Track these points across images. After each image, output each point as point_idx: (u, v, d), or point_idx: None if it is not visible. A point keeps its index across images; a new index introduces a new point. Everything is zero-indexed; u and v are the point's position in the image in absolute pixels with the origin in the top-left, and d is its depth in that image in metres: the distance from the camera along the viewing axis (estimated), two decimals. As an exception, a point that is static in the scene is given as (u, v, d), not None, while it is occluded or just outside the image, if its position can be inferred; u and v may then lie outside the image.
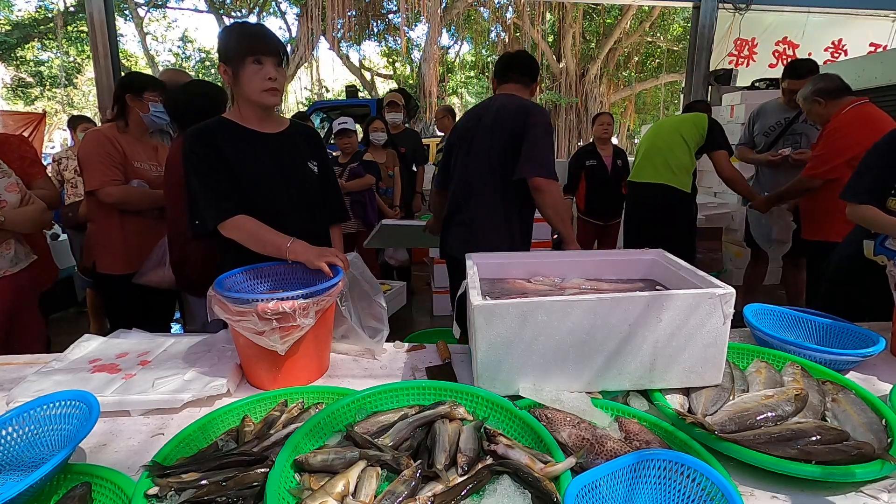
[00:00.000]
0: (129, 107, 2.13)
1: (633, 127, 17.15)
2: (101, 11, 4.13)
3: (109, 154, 2.06)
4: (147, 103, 2.12)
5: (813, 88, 2.51)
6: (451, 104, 17.18)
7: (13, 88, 14.40)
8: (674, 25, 14.37)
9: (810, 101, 2.53)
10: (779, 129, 3.20)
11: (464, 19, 12.84)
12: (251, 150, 1.45)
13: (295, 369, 1.18)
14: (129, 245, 2.13)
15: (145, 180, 2.15)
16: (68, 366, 1.24)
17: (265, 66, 1.37)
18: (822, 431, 0.88)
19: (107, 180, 2.03)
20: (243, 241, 1.39)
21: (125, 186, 2.09)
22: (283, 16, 13.97)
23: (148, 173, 2.18)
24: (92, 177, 2.05)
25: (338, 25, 10.19)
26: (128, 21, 14.07)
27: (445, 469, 0.81)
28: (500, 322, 1.00)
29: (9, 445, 0.88)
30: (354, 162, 3.71)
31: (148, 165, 2.19)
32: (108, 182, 2.04)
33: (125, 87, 2.13)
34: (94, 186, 2.05)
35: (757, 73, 5.55)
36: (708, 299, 0.99)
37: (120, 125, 2.14)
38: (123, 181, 2.09)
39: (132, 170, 2.12)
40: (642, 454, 0.78)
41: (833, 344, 1.34)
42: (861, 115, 2.37)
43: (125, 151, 2.11)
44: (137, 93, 2.12)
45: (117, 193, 2.06)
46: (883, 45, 5.69)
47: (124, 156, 2.10)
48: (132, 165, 2.13)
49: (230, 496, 0.77)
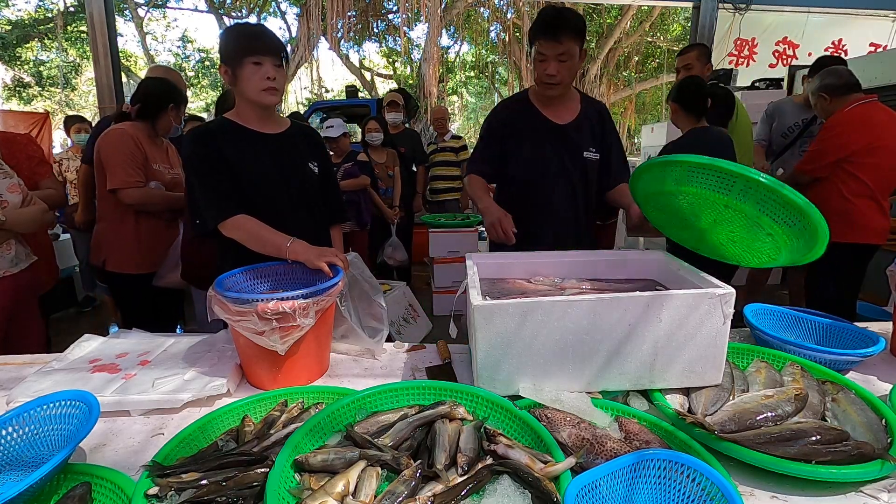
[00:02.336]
0: (164, 112, 2.15)
1: (633, 127, 17.15)
2: (101, 11, 4.12)
3: (133, 155, 2.06)
4: (182, 116, 2.20)
5: (819, 84, 2.50)
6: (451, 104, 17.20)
7: (12, 88, 14.39)
8: (674, 25, 14.36)
9: (816, 95, 2.53)
10: (797, 129, 3.18)
11: (464, 19, 12.83)
12: (251, 151, 1.46)
13: (295, 369, 1.18)
14: (142, 245, 2.15)
15: (162, 182, 2.17)
16: (68, 366, 1.24)
17: (264, 66, 1.37)
18: (822, 431, 0.88)
19: (130, 181, 2.04)
20: (243, 240, 1.39)
21: (146, 189, 2.10)
22: (283, 16, 13.96)
23: (164, 175, 2.19)
24: (115, 176, 2.04)
25: (338, 25, 10.19)
26: (128, 21, 14.06)
27: (445, 469, 0.81)
28: (500, 322, 1.00)
29: (9, 445, 0.88)
30: (349, 162, 3.71)
31: (163, 167, 2.21)
32: (132, 183, 2.04)
33: (172, 97, 2.16)
34: (116, 185, 2.04)
35: (757, 73, 5.55)
36: (708, 299, 0.99)
37: (146, 127, 2.16)
38: (145, 182, 2.10)
39: (151, 172, 2.14)
40: (642, 454, 0.78)
41: (833, 344, 1.34)
42: (860, 116, 2.37)
43: (147, 153, 2.12)
44: (178, 105, 2.18)
45: (138, 195, 2.07)
46: (883, 45, 5.69)
47: (146, 157, 2.11)
48: (151, 167, 2.14)
49: (230, 496, 0.77)
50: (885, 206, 2.45)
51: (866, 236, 2.42)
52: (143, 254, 2.15)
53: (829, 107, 2.49)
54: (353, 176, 3.65)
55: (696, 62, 2.89)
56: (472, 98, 20.93)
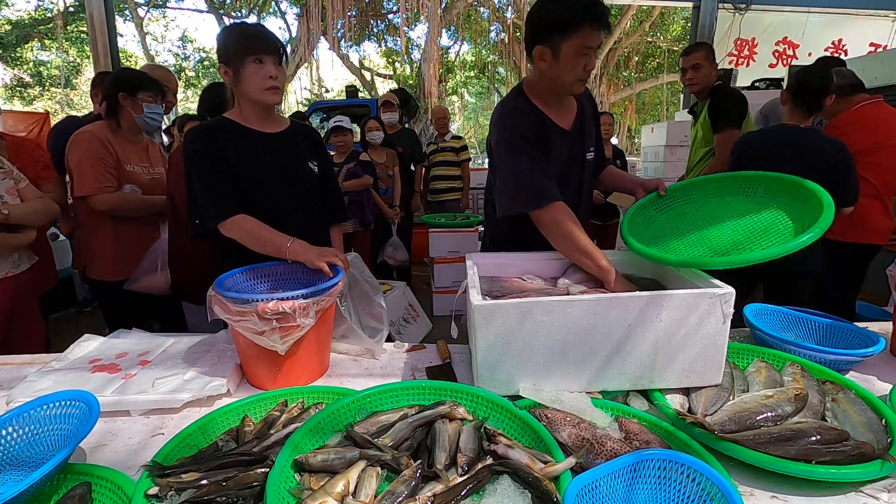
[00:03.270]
0: (121, 106, 2.02)
1: (633, 127, 17.16)
2: (101, 11, 4.12)
3: (101, 158, 1.96)
4: (141, 104, 2.02)
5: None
6: (451, 104, 17.19)
7: (12, 88, 14.40)
8: (674, 25, 14.37)
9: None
10: None
11: (464, 19, 12.83)
12: (252, 150, 1.46)
13: (295, 369, 1.18)
14: (120, 251, 2.05)
15: (138, 184, 2.06)
16: (68, 366, 1.24)
17: (265, 65, 1.37)
18: (822, 431, 0.88)
19: (99, 187, 1.94)
20: (243, 240, 1.39)
21: (118, 193, 2.00)
22: (283, 16, 13.97)
23: (141, 176, 2.08)
24: (83, 182, 1.95)
25: (338, 25, 10.19)
26: (127, 21, 14.07)
27: (445, 469, 0.81)
28: (500, 322, 1.00)
29: (9, 445, 0.88)
30: (351, 162, 3.71)
31: (140, 168, 2.10)
32: (101, 189, 1.95)
33: (118, 85, 2.01)
34: (85, 192, 1.95)
35: (757, 73, 5.56)
36: (708, 299, 0.99)
37: (111, 125, 2.03)
38: (116, 187, 2.00)
39: (124, 174, 2.03)
40: (642, 454, 0.78)
41: (833, 344, 1.34)
42: (864, 116, 2.36)
43: (118, 154, 2.01)
44: (131, 92, 2.01)
45: (110, 201, 1.97)
46: (883, 45, 5.69)
47: (117, 159, 2.00)
48: (124, 169, 2.03)
49: (230, 496, 0.77)
50: (890, 207, 2.44)
51: (870, 236, 2.41)
52: (122, 260, 2.04)
53: (835, 107, 2.46)
54: (356, 176, 3.65)
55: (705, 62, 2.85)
56: (472, 98, 20.94)
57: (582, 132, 1.56)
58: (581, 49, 1.34)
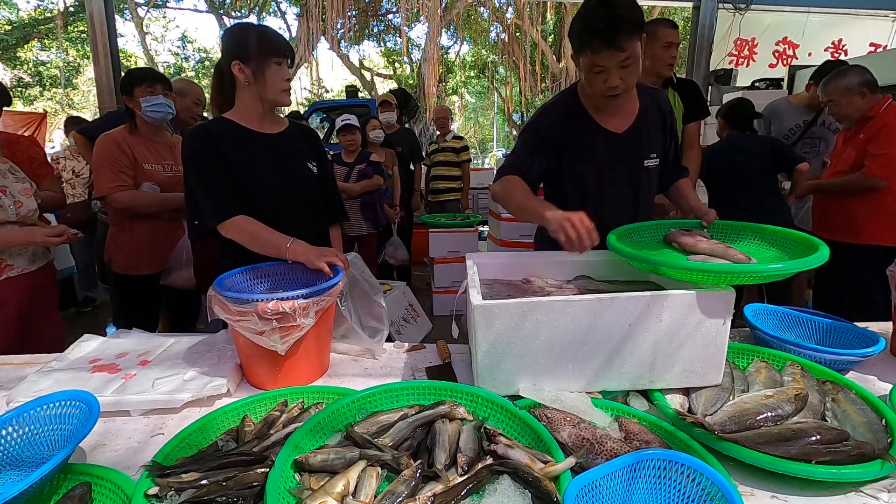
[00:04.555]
0: (131, 108, 2.13)
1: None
2: (101, 11, 4.12)
3: (117, 159, 2.07)
4: (138, 100, 2.08)
5: (861, 79, 2.39)
6: (451, 104, 17.19)
7: (12, 88, 14.39)
8: (674, 25, 14.36)
9: (855, 91, 2.39)
10: (798, 131, 3.12)
11: (464, 19, 12.83)
12: (251, 151, 1.46)
13: (295, 369, 1.18)
14: (139, 247, 2.16)
15: (157, 182, 2.15)
16: (68, 366, 1.24)
17: (283, 68, 1.42)
18: (822, 431, 0.88)
19: (113, 186, 2.05)
20: (243, 241, 1.39)
21: (132, 192, 2.09)
22: (283, 16, 13.97)
23: (160, 174, 2.17)
24: (100, 183, 2.07)
25: (338, 25, 10.20)
26: (127, 21, 14.06)
27: (445, 469, 0.81)
28: (500, 322, 1.00)
29: (9, 445, 0.88)
30: (362, 162, 3.67)
31: (161, 166, 2.18)
32: (115, 188, 2.05)
33: (122, 89, 2.13)
34: (101, 192, 2.07)
35: (757, 73, 5.55)
36: (708, 299, 0.99)
37: (130, 126, 2.15)
38: (133, 185, 2.10)
39: (142, 173, 2.12)
40: (642, 454, 0.78)
41: (833, 344, 1.34)
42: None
43: (134, 154, 2.11)
44: (127, 92, 2.10)
45: (124, 199, 2.07)
46: (883, 45, 5.68)
47: (134, 159, 2.10)
48: (142, 168, 2.12)
49: (230, 496, 0.77)
50: None
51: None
52: (140, 256, 2.16)
53: (864, 104, 2.38)
54: (368, 177, 3.62)
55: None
56: (472, 98, 20.93)
57: (639, 138, 1.50)
58: (593, 67, 1.32)
